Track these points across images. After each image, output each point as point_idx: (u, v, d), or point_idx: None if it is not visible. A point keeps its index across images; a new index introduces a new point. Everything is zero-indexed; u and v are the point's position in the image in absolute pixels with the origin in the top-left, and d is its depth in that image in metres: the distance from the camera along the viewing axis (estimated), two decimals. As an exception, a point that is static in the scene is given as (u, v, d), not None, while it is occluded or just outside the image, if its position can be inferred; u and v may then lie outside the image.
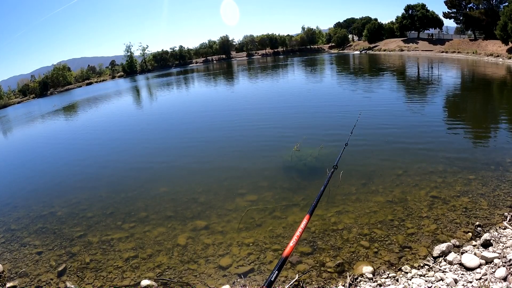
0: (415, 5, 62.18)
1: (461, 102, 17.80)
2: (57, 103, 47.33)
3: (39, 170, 13.68)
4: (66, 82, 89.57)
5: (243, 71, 54.16)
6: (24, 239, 7.81)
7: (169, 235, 7.09)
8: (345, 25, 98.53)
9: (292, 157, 10.46)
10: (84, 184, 10.96)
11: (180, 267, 5.98)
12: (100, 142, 17.00)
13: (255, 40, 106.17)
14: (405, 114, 14.57)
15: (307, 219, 2.22)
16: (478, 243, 5.31)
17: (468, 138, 11.17)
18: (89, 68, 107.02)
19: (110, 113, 27.74)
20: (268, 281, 1.78)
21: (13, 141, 23.70)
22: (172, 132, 16.93)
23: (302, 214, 7.15)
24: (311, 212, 2.28)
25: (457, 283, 4.38)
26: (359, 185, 8.08)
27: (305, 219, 2.21)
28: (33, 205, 9.72)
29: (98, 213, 8.55)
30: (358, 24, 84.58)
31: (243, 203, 8.04)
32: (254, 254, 6.01)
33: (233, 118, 17.75)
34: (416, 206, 6.86)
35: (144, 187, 9.96)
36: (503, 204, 6.47)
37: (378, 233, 6.08)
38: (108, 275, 6.03)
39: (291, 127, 14.28)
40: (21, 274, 6.39)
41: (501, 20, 36.17)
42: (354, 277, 5.02)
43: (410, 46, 58.62)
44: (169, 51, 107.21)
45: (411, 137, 11.30)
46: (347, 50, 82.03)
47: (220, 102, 25.19)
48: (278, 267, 1.87)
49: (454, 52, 45.84)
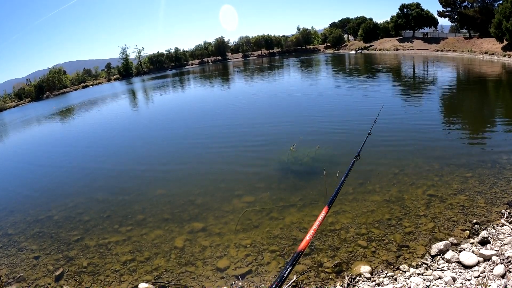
0: (410, 4, 62.34)
1: (456, 100, 17.86)
2: (56, 105, 47.21)
3: (35, 174, 13.60)
4: (62, 85, 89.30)
5: (239, 72, 54.14)
6: (21, 243, 7.76)
7: (166, 238, 7.06)
8: (340, 25, 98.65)
9: (288, 158, 10.45)
10: (80, 187, 10.90)
11: (177, 269, 5.96)
12: (96, 145, 16.93)
13: (251, 41, 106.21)
14: (401, 113, 14.58)
15: (325, 211, 2.08)
16: (476, 240, 5.31)
17: (464, 136, 11.20)
18: (85, 71, 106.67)
19: (106, 116, 27.60)
20: (281, 277, 1.65)
21: (9, 145, 23.54)
22: (168, 134, 16.86)
23: (299, 215, 7.15)
24: (329, 204, 2.15)
25: (455, 281, 4.38)
26: (356, 185, 8.07)
27: (323, 211, 2.08)
28: (29, 209, 9.67)
29: (95, 217, 8.51)
30: (353, 24, 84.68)
31: (240, 204, 8.02)
32: (252, 256, 5.99)
33: (228, 120, 17.74)
34: (413, 204, 6.86)
35: (141, 189, 9.92)
36: (500, 202, 6.49)
37: (376, 233, 6.07)
38: (106, 278, 6.00)
39: (287, 128, 14.27)
40: (18, 279, 6.34)
41: (495, 18, 36.39)
42: (352, 277, 5.01)
43: (405, 45, 58.78)
44: (164, 53, 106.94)
45: (407, 136, 11.32)
46: (342, 50, 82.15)
47: (216, 103, 25.15)
48: (292, 261, 1.72)
49: (449, 51, 46.02)
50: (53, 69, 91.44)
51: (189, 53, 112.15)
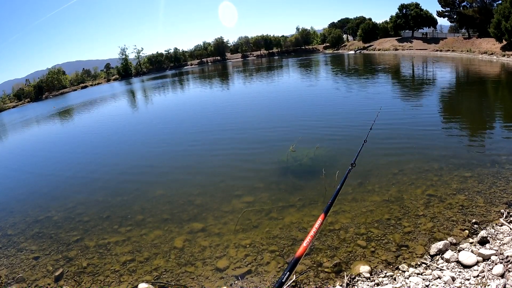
0: (409, 4, 62.34)
1: (456, 100, 17.89)
2: (56, 105, 47.18)
3: (35, 174, 13.59)
4: (61, 85, 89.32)
5: (238, 73, 54.14)
6: (21, 244, 7.76)
7: (165, 238, 7.07)
8: (339, 25, 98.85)
9: (288, 158, 10.46)
10: (80, 188, 10.90)
11: (177, 269, 5.96)
12: (96, 146, 16.92)
13: (250, 41, 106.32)
14: (400, 113, 14.60)
15: (322, 218, 2.13)
16: (475, 240, 5.32)
17: (463, 135, 11.21)
18: (84, 72, 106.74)
19: (105, 117, 27.61)
20: (279, 282, 1.72)
21: (9, 146, 23.51)
22: (167, 135, 16.85)
23: (298, 215, 7.15)
24: (326, 212, 2.19)
25: (454, 280, 4.39)
26: (355, 185, 8.08)
27: (319, 218, 2.12)
28: (29, 210, 9.67)
29: (94, 217, 8.51)
30: (353, 24, 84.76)
31: (239, 204, 8.02)
32: (251, 256, 5.99)
33: (227, 120, 17.74)
34: (413, 204, 6.87)
35: (140, 190, 9.92)
36: (499, 201, 6.49)
37: (375, 233, 6.08)
38: (105, 279, 6.00)
39: (286, 128, 14.25)
40: (18, 280, 6.34)
41: (494, 18, 36.43)
42: (352, 276, 5.01)
43: (404, 45, 58.81)
44: (164, 54, 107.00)
45: (406, 136, 11.32)
46: (341, 50, 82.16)
47: (215, 103, 25.11)
48: (290, 267, 1.81)
49: (448, 51, 46.03)
50: (52, 69, 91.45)
51: (188, 53, 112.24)
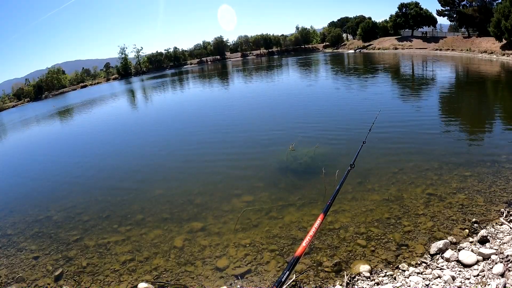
0: (409, 4, 62.38)
1: (455, 99, 17.89)
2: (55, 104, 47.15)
3: (34, 174, 13.57)
4: (61, 85, 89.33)
5: (238, 72, 54.11)
6: (21, 244, 7.75)
7: (165, 238, 7.06)
8: (339, 24, 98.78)
9: (287, 157, 10.45)
10: (80, 187, 10.88)
11: (177, 269, 5.95)
12: (95, 145, 16.93)
13: (250, 40, 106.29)
14: (400, 112, 14.60)
15: (321, 218, 2.15)
16: (475, 239, 5.31)
17: (463, 135, 11.20)
18: (84, 71, 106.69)
19: (105, 116, 27.60)
20: (279, 282, 1.74)
21: (9, 146, 23.51)
22: (167, 134, 16.86)
23: (298, 214, 7.14)
24: (325, 211, 2.21)
25: (454, 280, 4.39)
26: (355, 184, 8.07)
27: (319, 218, 2.15)
28: (29, 209, 9.66)
29: (94, 217, 8.50)
30: (352, 23, 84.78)
31: (239, 204, 8.01)
32: (251, 255, 5.98)
33: (227, 119, 17.73)
34: (412, 204, 6.86)
35: (140, 189, 9.92)
36: (499, 200, 6.49)
37: (375, 232, 6.07)
38: (105, 278, 5.99)
39: (286, 128, 14.26)
40: (17, 279, 6.33)
41: (494, 17, 36.38)
42: (352, 276, 5.01)
43: (404, 44, 58.80)
44: (163, 53, 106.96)
45: (406, 135, 11.33)
46: (341, 49, 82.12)
47: (215, 103, 25.14)
48: (289, 267, 1.84)
49: (448, 50, 46.03)
50: (52, 69, 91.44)
51: (188, 52, 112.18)
